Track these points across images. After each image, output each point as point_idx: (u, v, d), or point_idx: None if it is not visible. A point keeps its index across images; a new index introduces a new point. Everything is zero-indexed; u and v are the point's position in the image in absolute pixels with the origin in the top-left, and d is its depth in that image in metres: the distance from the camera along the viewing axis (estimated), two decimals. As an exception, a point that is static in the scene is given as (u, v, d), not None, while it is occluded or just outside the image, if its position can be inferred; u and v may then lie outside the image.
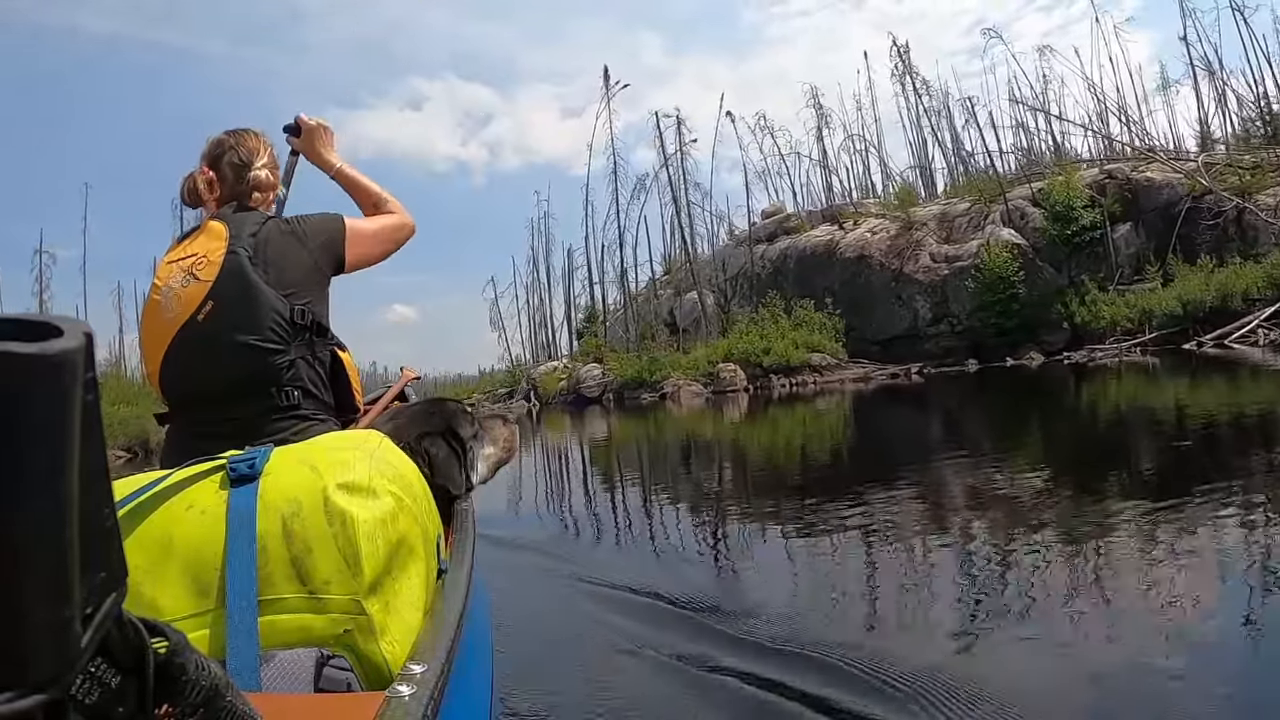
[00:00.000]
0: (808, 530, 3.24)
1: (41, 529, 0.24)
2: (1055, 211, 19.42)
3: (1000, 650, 1.78)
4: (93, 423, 0.26)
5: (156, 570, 0.78)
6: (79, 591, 0.25)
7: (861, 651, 1.77)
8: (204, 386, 1.27)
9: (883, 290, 21.53)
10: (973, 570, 2.44)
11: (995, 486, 3.79)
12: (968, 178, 26.29)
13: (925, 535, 2.97)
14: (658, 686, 1.74)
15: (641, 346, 25.02)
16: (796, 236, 24.87)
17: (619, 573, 2.72)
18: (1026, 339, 18.75)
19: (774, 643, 1.88)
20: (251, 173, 1.47)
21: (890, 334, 21.26)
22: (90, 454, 0.26)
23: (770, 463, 6.29)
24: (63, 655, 0.25)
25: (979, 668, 1.68)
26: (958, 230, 21.62)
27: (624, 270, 30.55)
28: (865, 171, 31.18)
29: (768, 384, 19.67)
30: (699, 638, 1.98)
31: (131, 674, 0.29)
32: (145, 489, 0.85)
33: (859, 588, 2.43)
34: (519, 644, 2.02)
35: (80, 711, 0.27)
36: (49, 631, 0.24)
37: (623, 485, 5.76)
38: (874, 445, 6.97)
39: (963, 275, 20.07)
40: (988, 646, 1.81)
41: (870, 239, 22.57)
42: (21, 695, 0.23)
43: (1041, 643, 1.79)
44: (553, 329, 36.41)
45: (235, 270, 1.27)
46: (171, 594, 0.77)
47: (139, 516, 0.82)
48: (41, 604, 0.24)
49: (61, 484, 0.24)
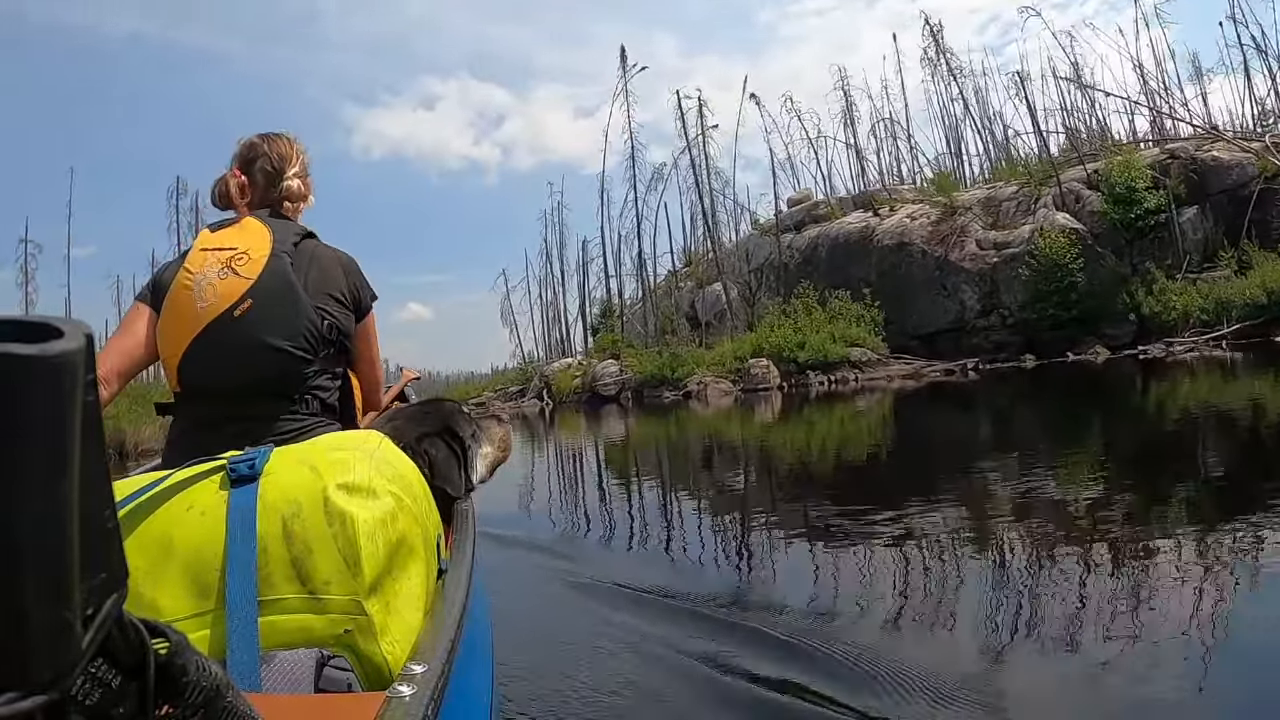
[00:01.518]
0: (846, 544, 3.02)
1: (42, 530, 0.24)
2: (1115, 194, 17.64)
3: (1043, 683, 1.63)
4: (93, 424, 0.26)
5: (157, 571, 0.78)
6: (79, 592, 0.25)
7: (877, 663, 1.72)
8: (227, 381, 1.26)
9: (925, 280, 19.83)
10: (1023, 598, 2.19)
11: (1076, 508, 3.26)
12: (1009, 161, 24.72)
13: (985, 557, 2.66)
14: (659, 687, 1.74)
15: (662, 342, 23.94)
16: (827, 224, 23.47)
17: (621, 573, 2.72)
18: (1085, 332, 17.12)
19: (783, 643, 1.88)
20: (284, 182, 1.48)
21: (933, 327, 19.61)
22: (90, 455, 0.26)
23: (813, 472, 5.59)
24: (63, 656, 0.25)
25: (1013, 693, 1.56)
26: (1005, 215, 20.05)
27: (642, 261, 28.86)
28: (896, 157, 29.88)
29: (804, 381, 18.38)
30: (702, 638, 1.98)
31: (132, 675, 0.29)
32: (145, 489, 0.85)
33: (884, 602, 2.26)
34: (519, 644, 2.02)
35: (81, 712, 0.27)
36: (50, 632, 0.24)
37: (638, 488, 5.58)
38: (938, 451, 6.08)
39: (1014, 263, 18.25)
40: (1027, 677, 1.66)
41: (910, 225, 20.89)
42: (22, 696, 0.23)
43: (1086, 676, 1.62)
44: (567, 325, 35.11)
45: (279, 273, 1.27)
46: (172, 595, 0.77)
47: (139, 517, 0.82)
48: (42, 605, 0.24)
49: (62, 485, 0.24)
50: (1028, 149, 24.78)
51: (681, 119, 26.87)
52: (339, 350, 1.37)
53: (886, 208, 22.53)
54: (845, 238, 22.28)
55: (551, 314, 35.72)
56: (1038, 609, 2.09)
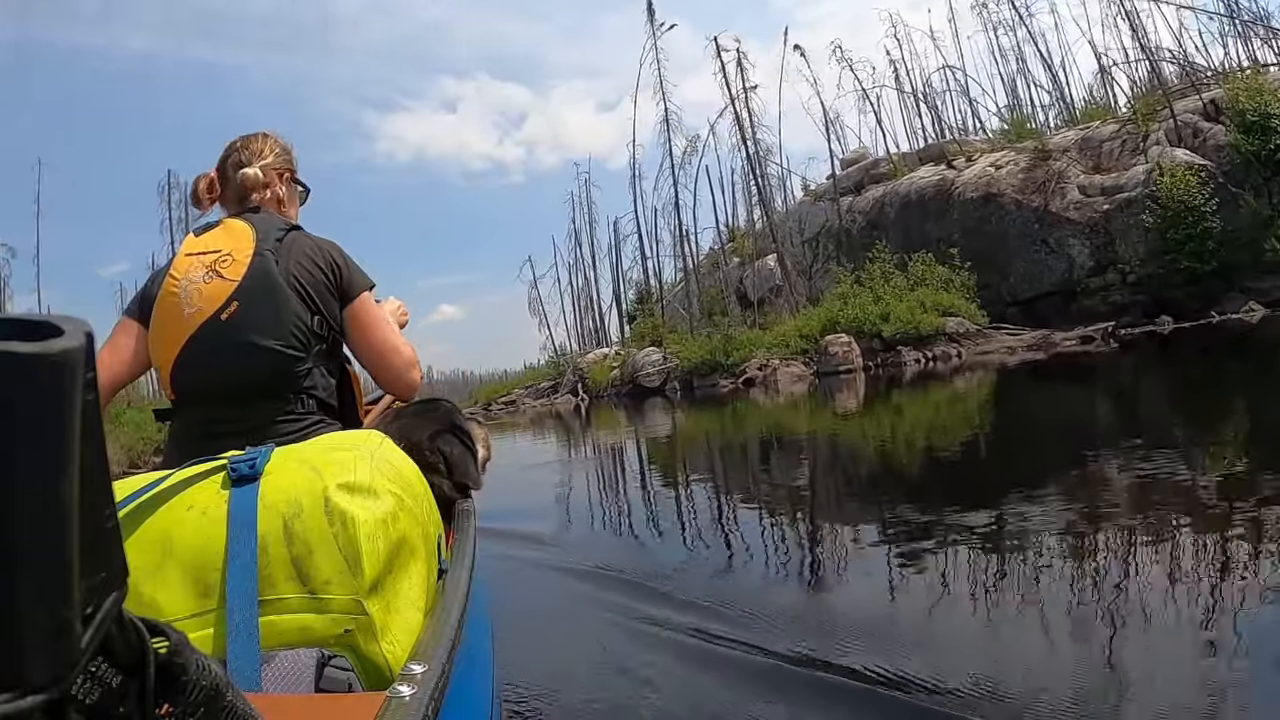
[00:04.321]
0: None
1: (42, 529, 0.24)
2: (1247, 122, 14.61)
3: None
4: (93, 423, 0.26)
5: (157, 570, 0.78)
6: (79, 591, 0.25)
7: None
8: (219, 385, 1.26)
9: (1021, 236, 16.89)
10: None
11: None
12: (1091, 100, 22.00)
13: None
14: (660, 687, 1.74)
15: (710, 324, 21.42)
16: (894, 182, 20.85)
17: (623, 573, 2.71)
18: (1225, 287, 14.25)
19: (804, 653, 1.78)
20: (242, 170, 1.45)
21: (1035, 290, 16.69)
22: (91, 454, 0.26)
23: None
24: (63, 655, 0.25)
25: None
26: (1108, 157, 17.02)
27: (683, 235, 25.63)
28: (958, 109, 27.03)
29: (894, 360, 15.54)
30: (700, 636, 1.97)
31: (132, 674, 0.29)
32: (146, 489, 0.85)
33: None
34: (519, 644, 2.02)
35: (80, 711, 0.27)
36: (49, 632, 0.24)
37: (679, 485, 4.91)
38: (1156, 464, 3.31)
39: (1132, 209, 15.18)
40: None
41: (996, 174, 18.09)
42: (22, 695, 0.23)
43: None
44: (600, 312, 32.35)
45: (263, 272, 1.26)
46: (172, 594, 0.77)
47: (139, 517, 0.82)
48: (42, 604, 0.24)
49: (62, 484, 0.24)
50: (1117, 85, 22.04)
51: (722, 70, 23.48)
52: (333, 346, 1.35)
53: (962, 159, 19.79)
54: (919, 194, 19.42)
55: (583, 301, 33.07)
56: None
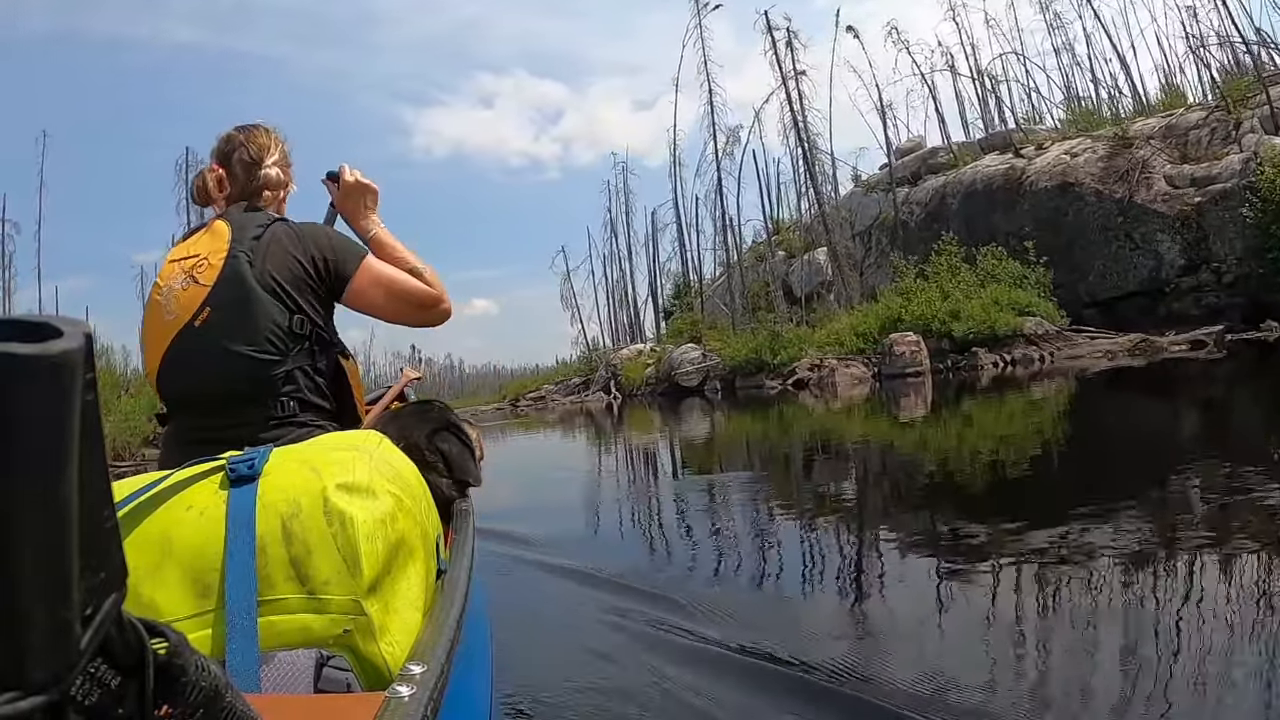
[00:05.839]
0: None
1: (41, 529, 0.24)
2: None
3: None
4: (93, 423, 0.26)
5: (156, 571, 0.78)
6: (78, 592, 0.25)
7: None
8: (199, 393, 1.26)
9: (1102, 229, 15.16)
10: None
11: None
12: (1168, 88, 20.29)
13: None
14: (661, 687, 1.74)
15: (754, 320, 19.96)
16: (955, 171, 19.43)
17: (623, 573, 2.71)
18: None
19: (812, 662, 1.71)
20: (262, 170, 1.45)
21: (1118, 290, 15.00)
22: (90, 454, 0.26)
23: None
24: (62, 656, 0.25)
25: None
26: (1196, 146, 15.48)
27: (726, 224, 24.01)
28: (1021, 96, 24.75)
29: (968, 363, 14.11)
30: (698, 635, 1.97)
31: (131, 675, 0.29)
32: (145, 489, 0.85)
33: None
34: (519, 644, 2.02)
35: (80, 712, 0.27)
36: (48, 633, 0.24)
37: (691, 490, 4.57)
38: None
39: (1228, 202, 13.58)
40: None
41: (1073, 162, 16.30)
42: (21, 696, 0.23)
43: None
44: (635, 307, 30.73)
45: (233, 276, 1.24)
46: (171, 595, 0.77)
47: (139, 517, 0.82)
48: (41, 605, 0.24)
49: (61, 484, 0.24)
50: (1202, 71, 19.87)
51: (773, 48, 21.69)
52: (318, 343, 1.32)
53: (1033, 147, 18.17)
54: (985, 183, 17.90)
55: (617, 295, 31.46)
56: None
